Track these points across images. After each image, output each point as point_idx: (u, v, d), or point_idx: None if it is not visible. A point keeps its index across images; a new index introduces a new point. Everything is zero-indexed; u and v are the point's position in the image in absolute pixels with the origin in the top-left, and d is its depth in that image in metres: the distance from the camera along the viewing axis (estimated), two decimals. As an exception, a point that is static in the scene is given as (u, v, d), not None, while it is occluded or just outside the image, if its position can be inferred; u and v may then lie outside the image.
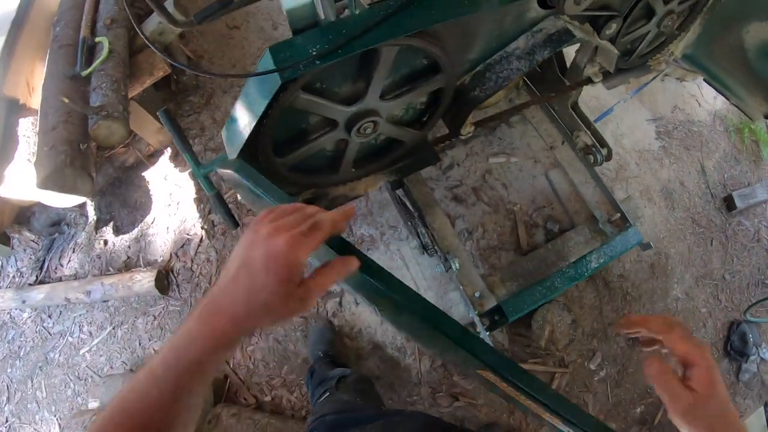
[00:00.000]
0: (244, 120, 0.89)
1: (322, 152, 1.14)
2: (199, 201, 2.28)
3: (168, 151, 2.41)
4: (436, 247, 1.72)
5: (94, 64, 1.99)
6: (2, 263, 2.46)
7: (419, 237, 1.74)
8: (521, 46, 1.22)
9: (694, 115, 2.35)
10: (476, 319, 1.71)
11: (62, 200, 1.95)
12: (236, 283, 0.49)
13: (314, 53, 0.74)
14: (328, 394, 1.40)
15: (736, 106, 1.87)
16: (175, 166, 2.39)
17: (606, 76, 1.67)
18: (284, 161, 1.04)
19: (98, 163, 2.39)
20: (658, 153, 2.23)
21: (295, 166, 1.08)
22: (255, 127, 0.86)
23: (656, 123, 2.31)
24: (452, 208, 2.10)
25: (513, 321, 1.58)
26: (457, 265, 1.71)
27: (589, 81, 1.63)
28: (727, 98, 1.87)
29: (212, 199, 1.10)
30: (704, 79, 1.90)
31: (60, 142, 1.87)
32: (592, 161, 2.00)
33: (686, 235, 2.12)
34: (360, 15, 0.78)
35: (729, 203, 2.19)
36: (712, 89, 2.31)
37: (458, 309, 1.82)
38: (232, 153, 0.97)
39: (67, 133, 1.92)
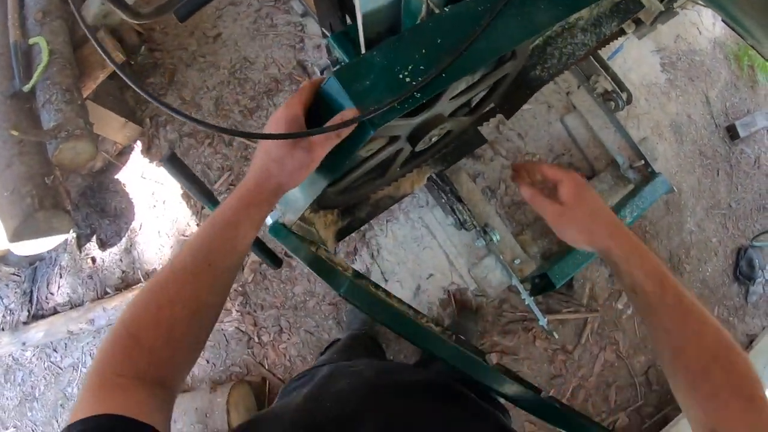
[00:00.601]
0: (309, 183, 0.76)
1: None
2: (187, 196, 2.11)
3: (138, 146, 2.20)
4: (474, 222, 1.65)
5: (36, 75, 1.69)
6: None
7: (455, 213, 1.67)
8: (585, 16, 1.10)
9: (695, 44, 2.36)
10: (519, 286, 1.72)
11: (40, 245, 1.83)
12: (254, 158, 0.64)
13: (409, 79, 0.63)
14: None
15: (753, 47, 1.84)
16: (150, 161, 2.15)
17: (637, 24, 1.57)
18: (335, 189, 0.98)
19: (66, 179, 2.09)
20: (665, 86, 2.24)
21: (345, 188, 1.01)
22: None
23: (660, 54, 2.30)
24: (470, 166, 2.04)
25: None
26: (498, 236, 1.67)
27: (622, 32, 1.52)
28: (744, 39, 1.83)
29: (252, 248, 0.96)
30: (722, 20, 1.84)
31: (21, 182, 1.69)
32: (612, 107, 1.94)
33: (695, 167, 2.18)
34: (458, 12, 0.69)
35: (732, 133, 2.25)
36: (711, 16, 2.25)
37: (494, 275, 1.81)
38: (291, 216, 0.87)
39: (26, 168, 1.71)
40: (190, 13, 0.67)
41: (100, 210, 2.28)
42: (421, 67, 0.63)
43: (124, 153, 2.26)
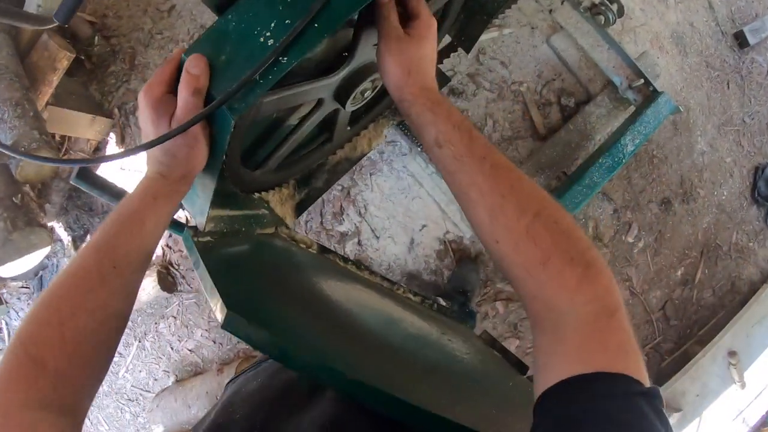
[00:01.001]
0: (199, 181, 0.66)
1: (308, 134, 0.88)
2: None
3: (112, 138, 2.15)
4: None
5: None
6: (5, 321, 2.29)
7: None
8: None
9: (694, -60, 2.07)
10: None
11: (26, 263, 1.89)
12: (147, 154, 0.56)
13: (273, 41, 0.51)
14: None
15: None
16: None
17: None
18: (266, 170, 0.85)
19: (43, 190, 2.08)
20: (662, -7, 1.99)
21: (280, 165, 0.88)
22: (217, 179, 0.65)
23: (655, -42, 2.02)
24: (451, 102, 1.85)
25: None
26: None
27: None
28: None
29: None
30: None
31: None
32: (602, 22, 1.74)
33: (702, 81, 1.99)
34: None
35: (741, 40, 2.04)
36: None
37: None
38: (200, 218, 0.73)
39: None
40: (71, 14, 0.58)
41: (88, 209, 2.26)
42: (287, 22, 0.50)
43: (99, 148, 2.20)
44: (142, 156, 0.64)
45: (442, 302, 1.22)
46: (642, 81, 1.74)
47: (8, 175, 1.76)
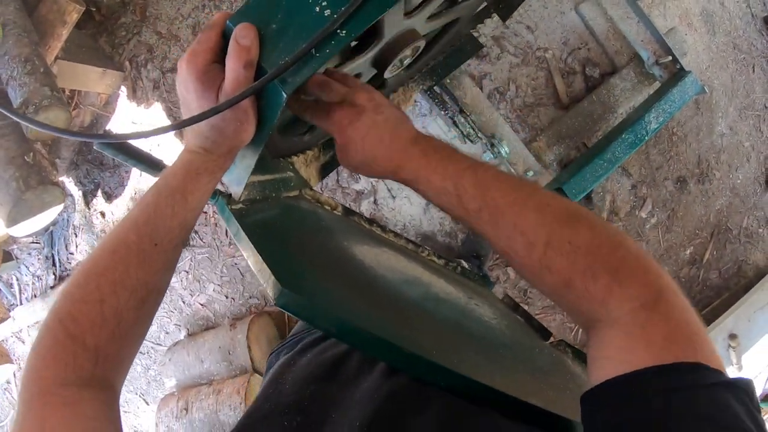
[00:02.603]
0: (240, 156, 0.63)
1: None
2: (181, 134, 1.98)
3: (123, 91, 2.11)
4: (479, 134, 1.51)
5: None
6: (16, 276, 2.28)
7: (458, 126, 1.53)
8: None
9: None
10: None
11: (39, 221, 1.88)
12: (184, 117, 0.52)
13: (330, 11, 0.47)
14: None
15: None
16: (138, 105, 2.07)
17: None
18: (295, 133, 0.85)
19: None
20: (695, -34, 1.94)
21: (311, 127, 0.88)
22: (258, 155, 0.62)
23: (691, -72, 1.97)
24: (475, 66, 1.88)
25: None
26: (507, 149, 1.54)
27: None
28: None
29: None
30: None
31: (2, 167, 1.78)
32: (634, -6, 1.70)
33: (728, 63, 1.96)
34: None
35: (771, 24, 1.98)
36: None
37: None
38: (236, 188, 0.70)
39: (4, 152, 1.74)
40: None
41: (98, 164, 2.25)
42: None
43: (110, 102, 2.17)
44: (156, 108, 0.62)
45: (465, 265, 1.24)
46: (669, 58, 1.71)
47: (20, 134, 1.75)
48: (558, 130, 1.73)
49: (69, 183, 2.27)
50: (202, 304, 2.06)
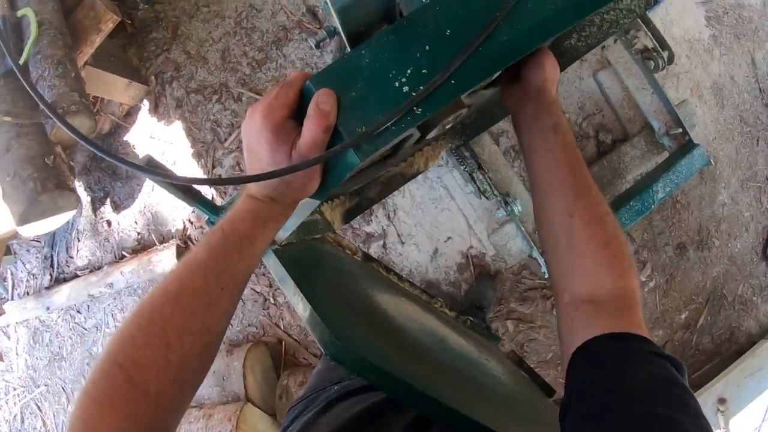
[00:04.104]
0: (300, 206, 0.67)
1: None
2: (198, 155, 2.07)
3: (145, 105, 2.16)
4: (495, 192, 1.60)
5: (26, 50, 1.66)
6: (11, 271, 2.28)
7: (475, 182, 1.61)
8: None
9: (745, -2, 2.16)
10: (539, 258, 1.70)
11: (48, 224, 1.90)
12: (249, 167, 0.54)
13: (408, 88, 0.51)
14: None
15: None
16: (159, 120, 2.13)
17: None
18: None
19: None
20: (709, 43, 2.09)
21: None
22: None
23: (705, 7, 2.13)
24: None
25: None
26: (520, 208, 1.62)
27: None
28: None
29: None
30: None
31: (21, 165, 1.70)
32: (651, 66, 1.82)
33: (734, 135, 2.08)
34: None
35: (778, 98, 2.11)
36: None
37: (515, 243, 1.78)
38: (282, 233, 0.75)
39: (26, 150, 1.71)
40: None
41: (111, 173, 2.29)
42: (424, 71, 0.50)
43: (131, 114, 2.23)
44: (176, 126, 0.63)
45: (474, 319, 1.30)
46: (680, 130, 1.81)
47: (42, 135, 1.76)
48: (568, 191, 1.82)
49: (79, 187, 2.30)
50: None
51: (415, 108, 0.50)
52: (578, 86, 1.96)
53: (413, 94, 0.50)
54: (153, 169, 0.56)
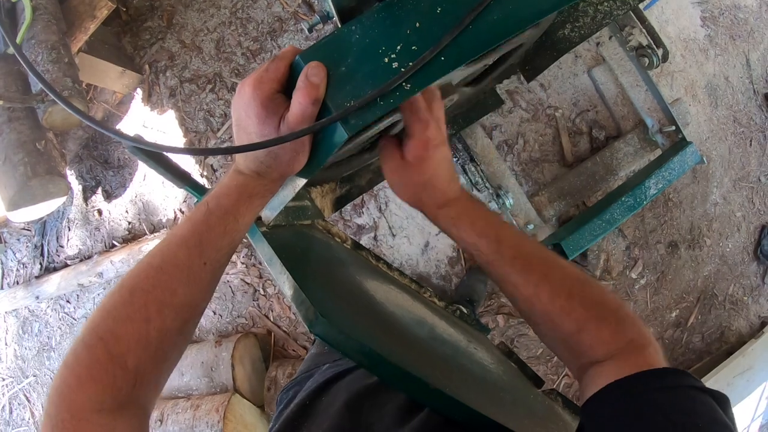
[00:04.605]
0: (286, 185, 0.66)
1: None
2: (190, 145, 2.06)
3: (138, 93, 2.14)
4: (487, 184, 1.60)
5: (20, 34, 1.65)
6: (2, 260, 2.28)
7: (467, 174, 1.61)
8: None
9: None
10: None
11: (39, 210, 1.91)
12: (238, 140, 0.53)
13: (397, 64, 0.50)
14: None
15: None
16: (152, 109, 2.11)
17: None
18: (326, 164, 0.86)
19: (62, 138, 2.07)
20: (704, 43, 2.10)
21: (333, 164, 0.93)
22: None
23: (701, 7, 2.14)
24: (487, 117, 1.98)
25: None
26: (511, 201, 1.62)
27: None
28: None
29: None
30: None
31: (12, 150, 1.70)
32: (646, 64, 1.82)
33: (727, 135, 2.09)
34: None
35: (772, 100, 2.12)
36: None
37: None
38: (268, 212, 0.74)
39: (17, 135, 1.71)
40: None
41: (103, 161, 2.27)
42: (414, 48, 0.50)
43: (124, 102, 2.22)
44: (169, 115, 0.63)
45: (464, 310, 1.30)
46: (673, 127, 1.82)
47: (34, 120, 1.75)
48: (560, 187, 1.82)
49: (71, 176, 2.29)
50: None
51: (403, 84, 0.50)
52: (572, 82, 1.96)
53: (402, 69, 0.50)
54: (142, 141, 0.56)
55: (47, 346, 2.38)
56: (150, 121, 2.18)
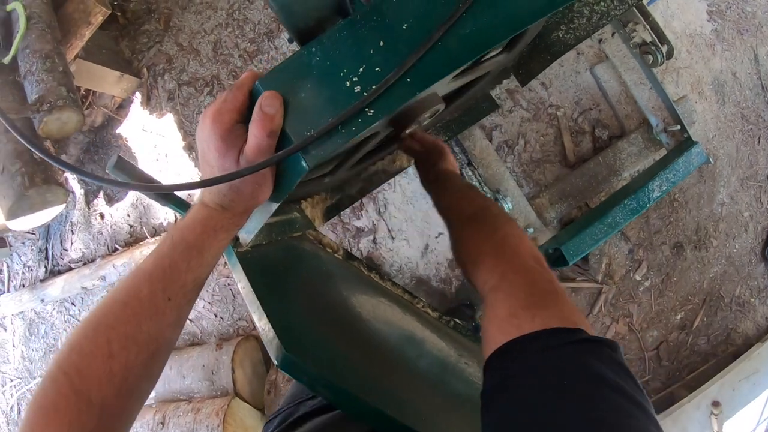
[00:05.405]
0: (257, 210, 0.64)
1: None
2: (189, 148, 2.05)
3: (137, 97, 2.13)
4: (485, 188, 1.56)
5: (14, 44, 1.64)
6: (7, 264, 2.28)
7: (464, 178, 1.56)
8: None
9: (748, -8, 2.10)
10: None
11: (38, 218, 1.92)
12: (202, 173, 0.53)
13: (359, 88, 0.47)
14: None
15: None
16: (151, 113, 2.10)
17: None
18: (307, 180, 0.84)
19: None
20: (710, 38, 2.04)
21: (320, 177, 0.88)
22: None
23: (707, 1, 2.08)
24: (486, 118, 1.90)
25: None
26: (510, 205, 1.58)
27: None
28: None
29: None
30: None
31: (9, 160, 1.73)
32: (650, 61, 1.76)
33: (735, 133, 2.02)
34: None
35: (781, 95, 2.04)
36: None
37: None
38: (245, 235, 0.71)
39: (14, 145, 1.76)
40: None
41: (104, 165, 2.27)
42: (377, 69, 0.47)
43: (123, 106, 2.21)
44: (168, 119, 0.62)
45: (458, 321, 1.27)
46: (678, 126, 1.76)
47: (30, 129, 1.74)
48: (562, 189, 1.77)
49: (72, 180, 2.29)
50: (190, 320, 2.08)
51: (366, 109, 0.46)
52: (575, 80, 1.91)
53: (365, 94, 0.46)
54: (109, 178, 0.54)
55: (53, 347, 2.40)
56: (149, 125, 2.17)
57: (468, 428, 0.67)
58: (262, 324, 0.57)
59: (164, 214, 2.16)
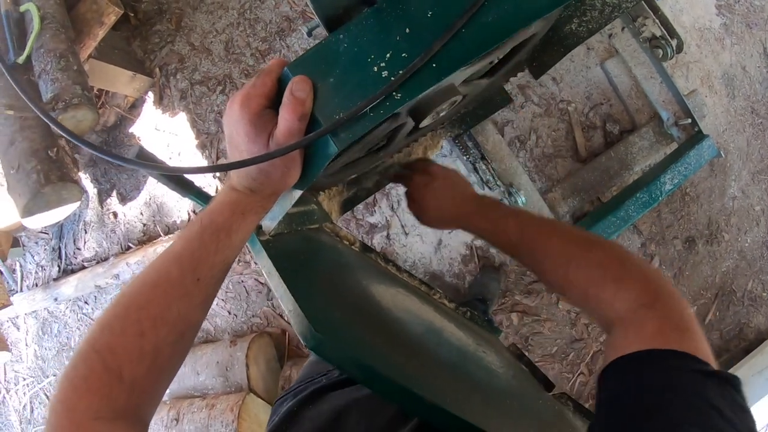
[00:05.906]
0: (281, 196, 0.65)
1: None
2: (202, 146, 2.07)
3: (150, 97, 2.15)
4: (498, 182, 1.57)
5: (29, 44, 1.67)
6: (20, 263, 2.31)
7: (478, 173, 1.58)
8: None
9: (757, -15, 2.09)
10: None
11: (53, 216, 1.93)
12: (230, 157, 0.53)
13: (387, 73, 0.49)
14: None
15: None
16: (163, 112, 2.13)
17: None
18: (326, 173, 0.86)
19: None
20: (719, 32, 2.04)
21: (338, 170, 0.90)
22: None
23: (717, -5, 2.05)
24: (498, 113, 1.95)
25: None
26: (524, 198, 1.59)
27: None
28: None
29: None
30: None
31: (25, 158, 1.73)
32: (660, 55, 1.77)
33: (746, 127, 2.02)
34: None
35: (792, 88, 2.04)
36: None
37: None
38: (269, 222, 0.73)
39: (29, 144, 1.74)
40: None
41: (117, 165, 2.30)
42: (404, 55, 0.48)
43: (136, 106, 2.24)
44: (181, 118, 0.63)
45: (474, 311, 1.28)
46: (689, 120, 1.77)
47: (45, 127, 1.78)
48: (574, 183, 1.78)
49: (85, 179, 2.32)
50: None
51: (394, 93, 0.48)
52: (585, 75, 1.92)
53: (392, 78, 0.48)
54: (137, 160, 0.56)
55: (66, 346, 2.42)
56: (162, 124, 2.20)
57: (492, 413, 0.68)
58: (290, 306, 0.58)
59: (177, 213, 2.18)
